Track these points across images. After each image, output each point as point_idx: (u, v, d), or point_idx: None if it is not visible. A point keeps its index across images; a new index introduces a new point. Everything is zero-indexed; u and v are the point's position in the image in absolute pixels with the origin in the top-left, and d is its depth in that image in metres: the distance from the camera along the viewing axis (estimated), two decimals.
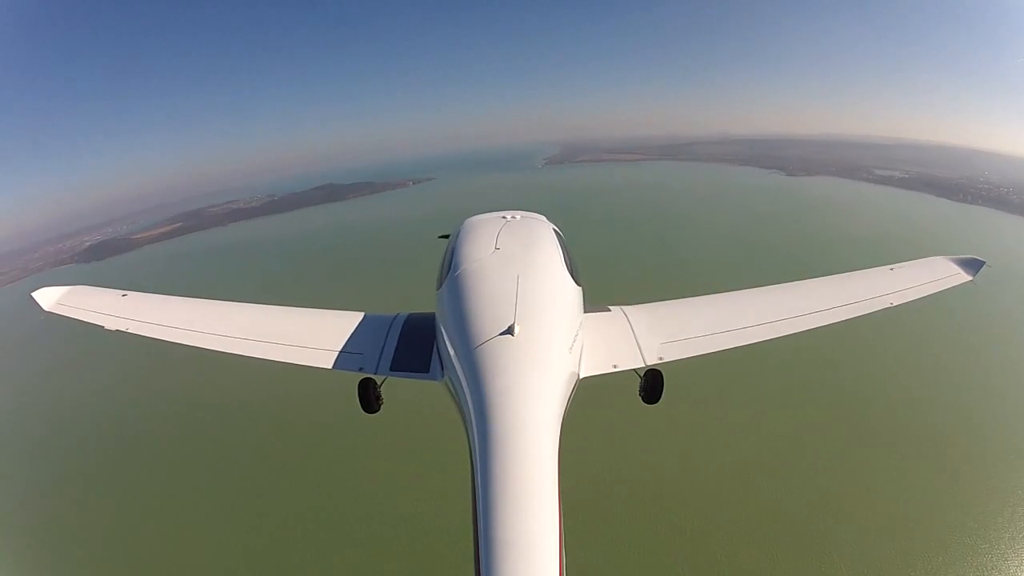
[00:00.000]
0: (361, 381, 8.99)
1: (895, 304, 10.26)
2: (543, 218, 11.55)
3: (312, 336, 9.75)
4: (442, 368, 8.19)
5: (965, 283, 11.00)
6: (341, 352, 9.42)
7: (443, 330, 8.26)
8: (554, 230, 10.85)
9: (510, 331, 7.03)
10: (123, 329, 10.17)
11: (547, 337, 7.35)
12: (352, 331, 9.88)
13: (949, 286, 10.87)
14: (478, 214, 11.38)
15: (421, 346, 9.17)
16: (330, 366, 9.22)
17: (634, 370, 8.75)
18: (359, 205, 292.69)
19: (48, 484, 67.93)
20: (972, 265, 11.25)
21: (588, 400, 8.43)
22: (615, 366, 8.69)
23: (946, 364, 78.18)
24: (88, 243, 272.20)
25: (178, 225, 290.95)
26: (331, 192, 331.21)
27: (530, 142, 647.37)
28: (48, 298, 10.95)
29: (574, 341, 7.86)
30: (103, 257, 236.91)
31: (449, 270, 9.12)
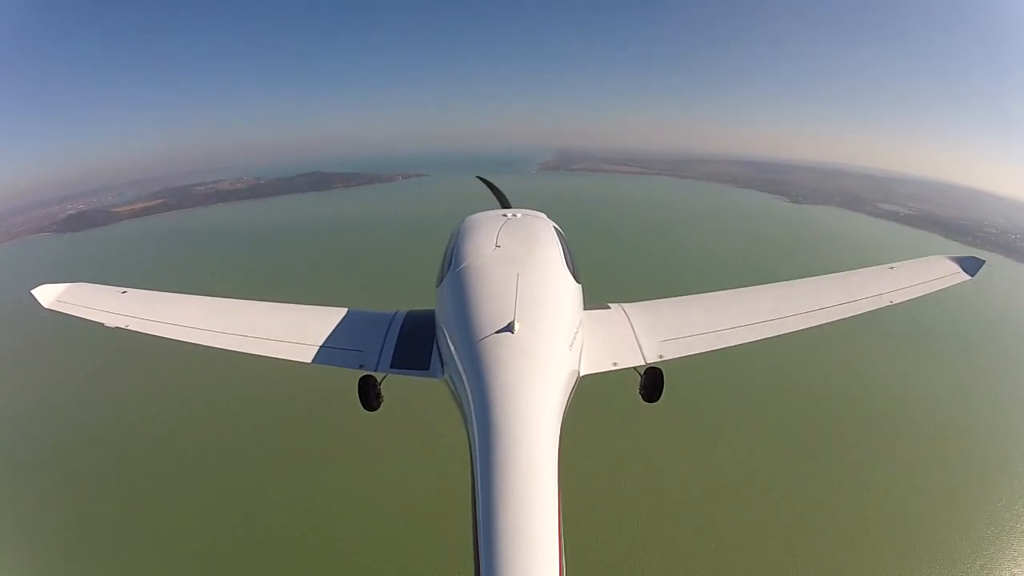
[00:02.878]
0: (361, 378, 8.81)
1: (895, 302, 10.18)
2: (543, 216, 11.27)
3: (312, 333, 9.59)
4: (442, 365, 8.13)
5: (967, 286, 10.97)
6: (342, 349, 9.29)
7: (443, 327, 8.22)
8: (554, 228, 10.61)
9: (510, 328, 6.96)
10: (123, 326, 10.11)
11: (547, 335, 7.31)
12: (352, 328, 9.76)
13: (948, 285, 10.72)
14: (478, 212, 11.05)
15: (421, 343, 9.02)
16: (331, 363, 9.10)
17: (634, 368, 8.62)
18: (346, 196, 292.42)
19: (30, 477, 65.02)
20: (972, 264, 11.06)
21: (589, 398, 8.27)
22: (615, 364, 8.60)
23: (950, 414, 75.67)
24: (70, 211, 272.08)
25: (161, 201, 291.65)
26: (318, 180, 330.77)
27: (524, 145, 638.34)
28: (47, 295, 10.87)
29: (574, 339, 7.79)
30: (80, 229, 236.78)
31: (449, 267, 9.02)
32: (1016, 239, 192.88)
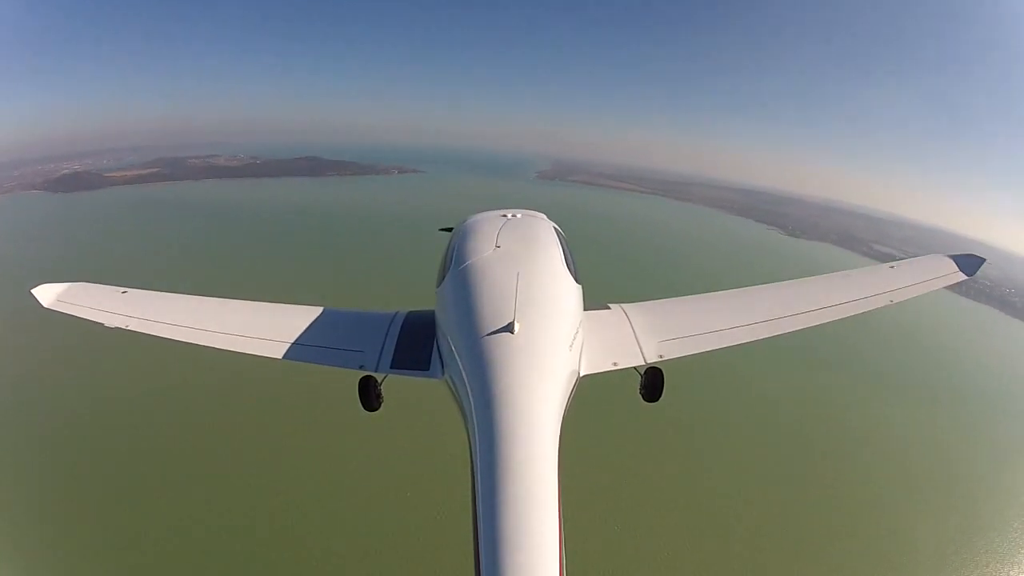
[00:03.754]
0: (362, 379, 8.78)
1: (895, 301, 10.10)
2: (543, 216, 11.32)
3: (313, 334, 9.59)
4: (442, 366, 8.17)
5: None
6: (342, 350, 9.26)
7: (443, 328, 8.28)
8: (554, 228, 10.60)
9: (510, 329, 6.93)
10: (123, 326, 10.11)
11: (547, 335, 7.27)
12: (353, 329, 9.71)
13: (948, 283, 10.63)
14: (479, 212, 11.15)
15: (422, 344, 8.98)
16: (331, 364, 9.10)
17: (634, 368, 8.61)
18: (342, 185, 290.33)
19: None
20: (971, 263, 10.98)
21: (589, 398, 8.17)
22: (615, 364, 8.57)
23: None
24: (64, 171, 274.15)
25: (155, 170, 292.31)
26: (315, 166, 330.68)
27: (522, 151, 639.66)
28: (48, 295, 10.86)
29: (574, 339, 7.74)
30: (71, 190, 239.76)
31: (449, 268, 9.01)
32: (1009, 292, 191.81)
